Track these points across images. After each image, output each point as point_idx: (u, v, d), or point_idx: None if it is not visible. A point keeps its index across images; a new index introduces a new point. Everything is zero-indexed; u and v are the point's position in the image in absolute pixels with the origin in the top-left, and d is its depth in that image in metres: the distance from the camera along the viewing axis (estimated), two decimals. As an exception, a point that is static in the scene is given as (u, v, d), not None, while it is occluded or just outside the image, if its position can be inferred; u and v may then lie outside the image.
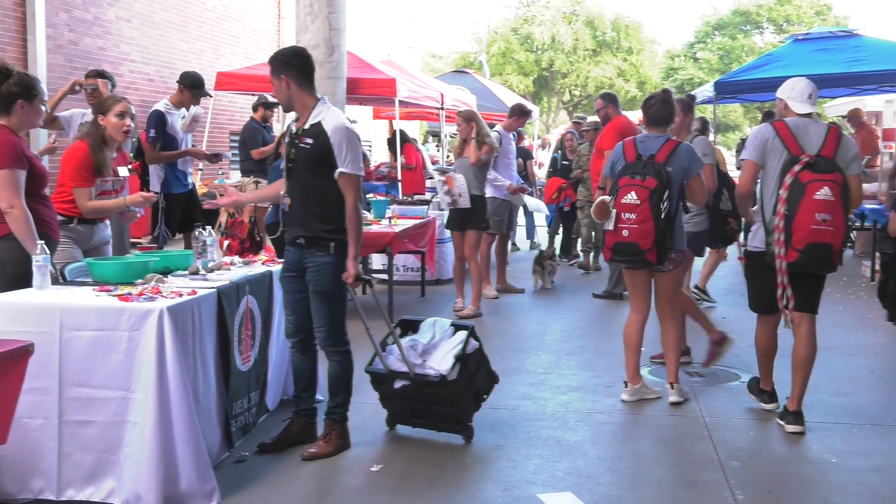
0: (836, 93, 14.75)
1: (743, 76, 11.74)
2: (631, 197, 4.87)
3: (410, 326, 4.85)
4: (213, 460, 3.96)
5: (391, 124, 15.60)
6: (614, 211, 4.92)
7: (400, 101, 11.05)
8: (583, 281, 9.97)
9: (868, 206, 9.54)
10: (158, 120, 7.00)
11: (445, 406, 4.49)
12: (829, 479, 4.06)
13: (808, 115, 4.72)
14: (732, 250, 9.69)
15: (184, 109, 7.26)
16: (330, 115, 4.19)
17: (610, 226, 4.96)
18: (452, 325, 4.74)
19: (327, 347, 4.33)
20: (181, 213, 7.32)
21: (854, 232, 11.83)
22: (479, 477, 4.14)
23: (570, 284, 9.67)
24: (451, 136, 20.39)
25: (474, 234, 7.74)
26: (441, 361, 4.46)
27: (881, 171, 10.11)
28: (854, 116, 12.87)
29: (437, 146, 22.56)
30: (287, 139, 4.32)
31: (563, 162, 11.25)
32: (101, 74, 6.90)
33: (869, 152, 12.34)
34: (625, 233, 4.89)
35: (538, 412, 5.12)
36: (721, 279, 9.57)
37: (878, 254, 8.99)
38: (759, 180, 4.85)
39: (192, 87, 7.22)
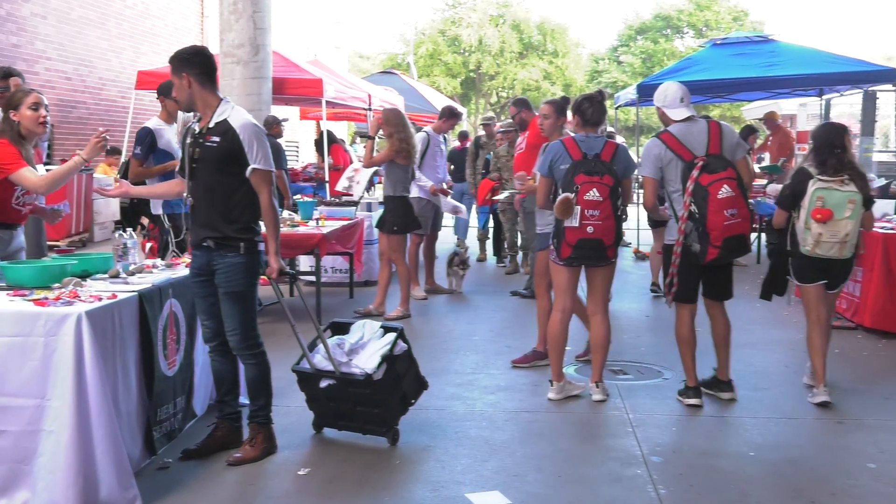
0: (753, 96, 15.24)
1: (664, 79, 11.96)
2: (594, 194, 4.97)
3: (341, 329, 4.82)
4: (135, 467, 3.88)
5: (318, 125, 15.48)
6: (578, 208, 4.98)
7: (327, 102, 10.98)
8: (510, 281, 10.04)
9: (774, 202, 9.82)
10: (146, 137, 6.47)
11: (371, 407, 4.47)
12: (747, 471, 4.17)
13: (688, 118, 5.11)
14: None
15: (176, 125, 6.72)
16: (235, 113, 4.15)
17: (574, 222, 5.00)
18: (382, 326, 4.73)
19: (241, 351, 4.27)
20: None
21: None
22: (407, 478, 4.14)
23: (498, 285, 9.73)
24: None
25: (393, 236, 7.65)
26: (367, 361, 4.45)
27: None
28: (770, 119, 13.29)
29: (365, 147, 22.44)
30: (189, 139, 4.23)
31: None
32: (8, 74, 6.40)
33: (785, 154, 12.77)
34: (589, 229, 4.99)
35: (466, 412, 5.15)
36: (645, 279, 9.77)
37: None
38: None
39: (169, 94, 6.55)
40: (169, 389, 4.35)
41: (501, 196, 7.88)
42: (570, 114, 5.69)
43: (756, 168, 11.43)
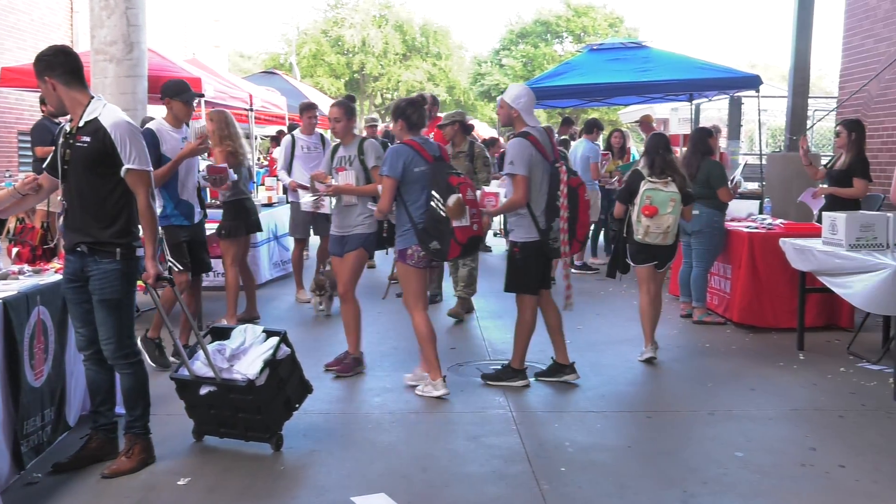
0: (628, 100, 15.74)
1: (544, 83, 12.23)
2: (470, 194, 5.24)
3: (222, 334, 4.71)
4: (2, 485, 3.68)
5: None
6: (466, 207, 5.15)
7: (206, 102, 10.70)
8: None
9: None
10: (150, 140, 5.66)
11: (253, 413, 4.38)
12: (625, 464, 4.31)
13: (533, 126, 5.51)
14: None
15: (185, 127, 6.14)
16: (107, 112, 4.00)
17: (465, 222, 5.15)
18: (264, 331, 4.65)
19: (116, 360, 4.12)
20: (189, 250, 6.14)
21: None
22: (291, 484, 4.08)
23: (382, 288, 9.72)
24: (261, 139, 19.99)
25: (224, 241, 7.25)
26: (249, 366, 4.36)
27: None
28: (645, 122, 13.76)
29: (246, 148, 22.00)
30: (61, 139, 4.07)
31: None
32: None
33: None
34: (475, 227, 5.24)
35: (352, 415, 5.13)
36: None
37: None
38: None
39: (176, 93, 6.01)
40: (36, 401, 4.14)
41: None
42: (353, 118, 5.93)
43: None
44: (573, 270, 10.60)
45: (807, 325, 6.88)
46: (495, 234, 13.46)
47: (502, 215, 6.82)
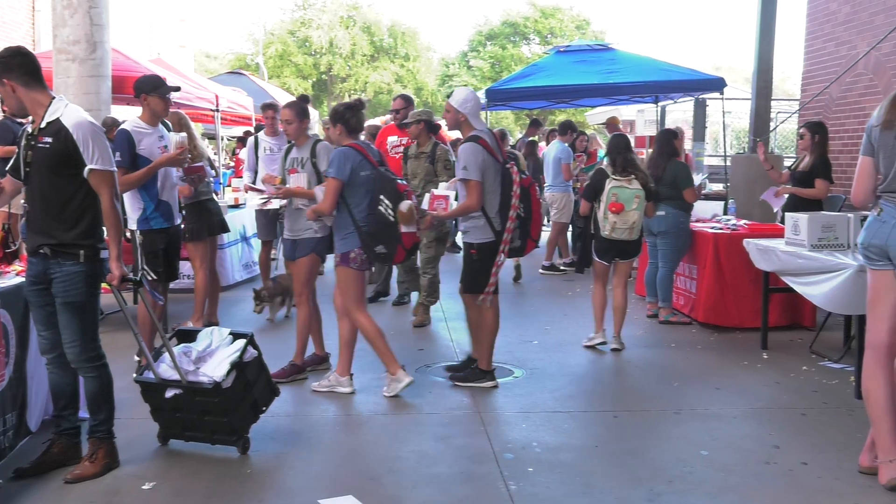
0: (595, 102, 15.83)
1: (512, 84, 12.28)
2: (415, 199, 5.31)
3: (188, 337, 4.67)
4: (-39, 492, 3.62)
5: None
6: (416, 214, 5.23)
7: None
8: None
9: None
10: (125, 141, 5.61)
11: (220, 416, 4.34)
12: (592, 463, 4.34)
13: (480, 130, 5.59)
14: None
15: (162, 127, 5.91)
16: (69, 112, 3.95)
17: (413, 227, 5.24)
18: (231, 333, 4.61)
19: (80, 363, 4.06)
20: (164, 257, 5.88)
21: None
22: (258, 487, 4.05)
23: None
24: (228, 139, 19.85)
25: (188, 244, 7.05)
26: (216, 368, 4.33)
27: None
28: (611, 124, 13.86)
29: (213, 149, 21.86)
30: (23, 141, 4.01)
31: None
32: None
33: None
34: (418, 232, 5.36)
35: (320, 417, 5.11)
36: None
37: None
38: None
39: (153, 88, 5.80)
40: (-2, 406, 4.08)
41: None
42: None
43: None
44: (540, 271, 10.74)
45: (771, 325, 6.98)
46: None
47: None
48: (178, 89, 6.26)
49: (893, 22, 9.18)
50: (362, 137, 5.75)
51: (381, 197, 5.17)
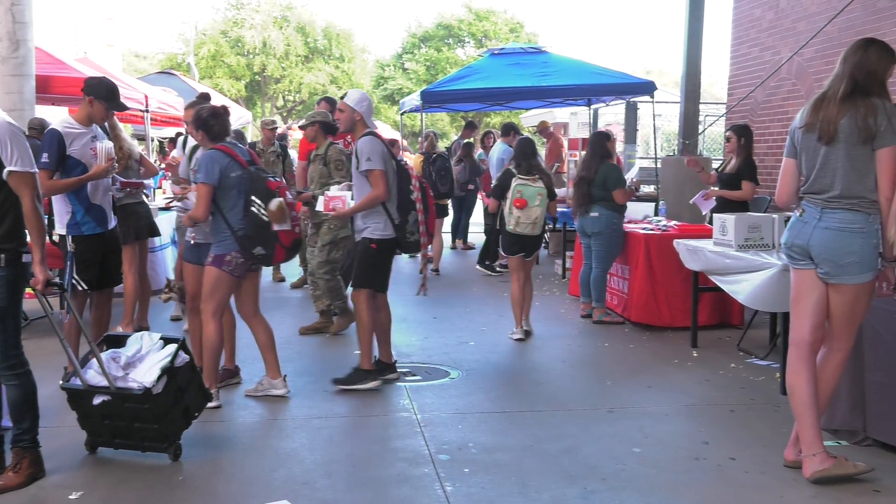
0: (529, 105, 15.99)
1: (446, 87, 12.32)
2: (289, 196, 5.23)
3: (117, 343, 4.56)
4: None
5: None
6: (288, 211, 5.12)
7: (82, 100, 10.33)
8: (296, 291, 9.94)
9: (559, 209, 10.41)
10: (54, 142, 5.32)
11: (150, 422, 4.25)
12: (527, 463, 4.37)
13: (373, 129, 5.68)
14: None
15: (96, 127, 5.63)
16: None
17: (287, 226, 5.12)
18: (162, 338, 4.52)
19: (2, 371, 3.94)
20: (98, 264, 5.56)
21: (548, 233, 12.89)
22: (189, 495, 3.98)
23: (284, 294, 9.61)
24: (158, 140, 19.48)
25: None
26: (146, 374, 4.24)
27: (569, 176, 11.09)
28: (542, 128, 14.02)
29: (142, 150, 21.40)
30: None
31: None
32: None
33: (555, 159, 13.53)
34: (297, 229, 5.25)
35: (254, 422, 5.04)
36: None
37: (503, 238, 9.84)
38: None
39: (106, 97, 5.52)
40: (-84, 417, 3.93)
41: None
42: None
43: None
44: (478, 267, 10.79)
45: (701, 324, 7.13)
46: None
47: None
48: (125, 108, 6.07)
49: (814, 28, 9.48)
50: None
51: (253, 197, 5.04)
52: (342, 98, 5.74)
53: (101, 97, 5.46)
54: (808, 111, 4.08)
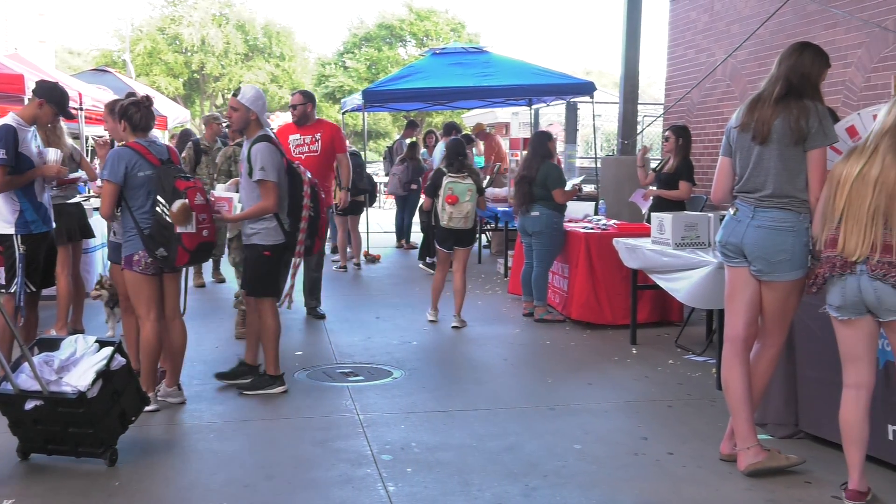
0: (471, 104, 16.05)
1: (388, 86, 12.30)
2: (199, 198, 5.01)
3: (50, 346, 4.44)
4: None
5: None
6: (192, 213, 4.93)
7: (30, 100, 10.07)
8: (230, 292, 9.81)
9: (500, 208, 10.49)
10: (10, 136, 5.24)
11: (85, 427, 4.15)
12: (469, 461, 4.39)
13: (268, 129, 5.59)
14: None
15: (35, 129, 5.55)
16: None
17: (192, 228, 4.93)
18: (97, 341, 4.42)
19: None
20: (44, 263, 5.47)
21: (489, 232, 12.96)
22: (127, 500, 3.90)
23: (224, 296, 9.49)
24: (94, 139, 19.05)
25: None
26: (80, 378, 4.14)
27: (511, 176, 11.17)
28: (479, 131, 14.09)
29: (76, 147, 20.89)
30: None
31: None
32: None
33: (497, 159, 13.61)
34: (205, 233, 5.04)
35: (193, 425, 4.97)
36: (369, 282, 9.92)
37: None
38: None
39: (59, 103, 5.49)
40: None
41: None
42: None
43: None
44: (421, 266, 10.80)
45: (642, 321, 7.25)
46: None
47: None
48: (73, 117, 5.99)
49: (748, 31, 9.70)
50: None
51: (158, 197, 4.92)
52: (234, 95, 5.54)
53: (54, 102, 5.47)
54: (743, 111, 4.17)
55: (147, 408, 5.03)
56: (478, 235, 7.93)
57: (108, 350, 4.32)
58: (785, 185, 4.00)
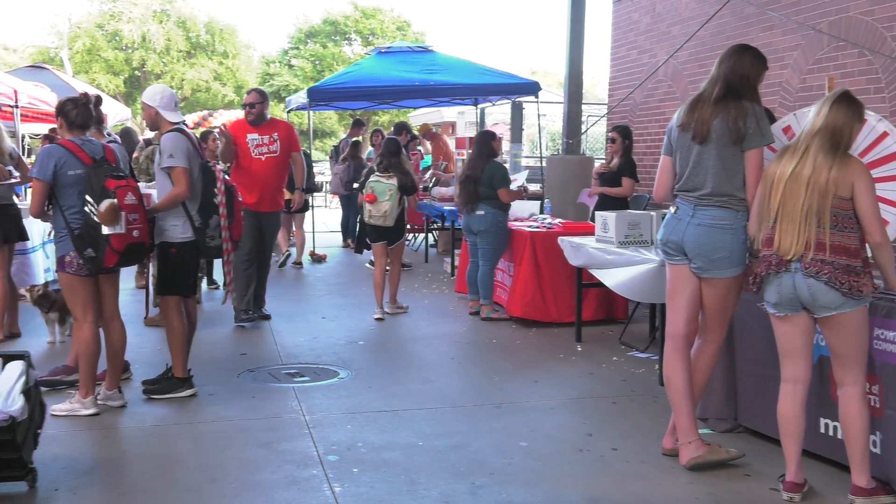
0: (417, 103, 16.04)
1: (334, 84, 12.23)
2: (131, 198, 4.90)
3: None
4: None
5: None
6: (122, 213, 4.82)
7: (-37, 97, 9.81)
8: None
9: (446, 207, 10.51)
10: None
11: (11, 452, 3.80)
12: (416, 460, 4.40)
13: (179, 123, 5.51)
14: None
15: None
16: None
17: (121, 229, 4.82)
18: (2, 355, 4.11)
19: None
20: None
21: (436, 231, 12.97)
22: (67, 507, 3.83)
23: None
24: (31, 137, 18.60)
25: None
26: (8, 401, 3.81)
27: (456, 175, 11.19)
28: (425, 131, 14.10)
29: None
30: None
31: None
32: None
33: (443, 158, 13.64)
34: (135, 233, 4.92)
35: (134, 428, 4.89)
36: (322, 280, 9.85)
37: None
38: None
39: None
40: None
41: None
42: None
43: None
44: (367, 265, 10.76)
45: (587, 319, 7.33)
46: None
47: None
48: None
49: (688, 33, 9.87)
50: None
51: (87, 197, 4.82)
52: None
53: None
54: (684, 111, 4.25)
55: (87, 412, 4.95)
56: (406, 234, 8.33)
57: (19, 364, 3.99)
58: (724, 183, 4.09)
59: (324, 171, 19.57)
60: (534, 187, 12.61)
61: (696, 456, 4.22)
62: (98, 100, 5.28)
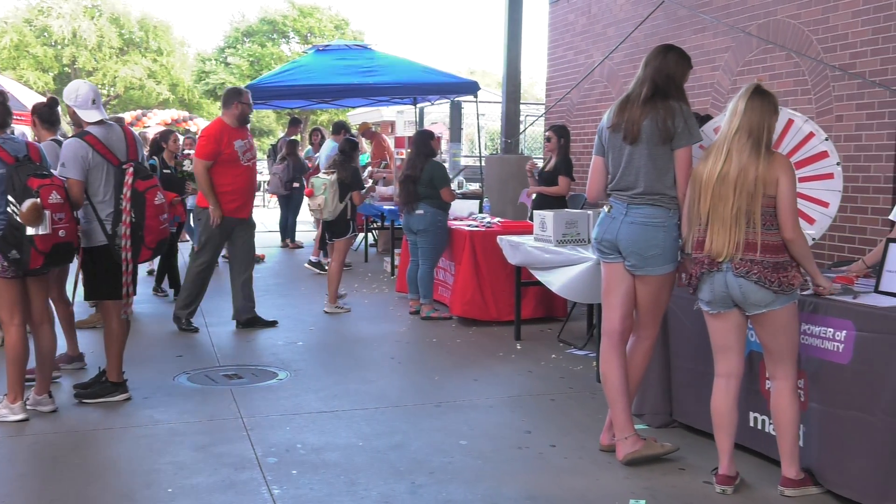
0: (355, 102, 15.96)
1: (271, 83, 12.09)
2: (56, 197, 4.78)
3: None
4: None
5: None
6: (47, 213, 4.70)
7: None
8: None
9: (386, 207, 10.50)
10: None
11: None
12: (356, 461, 4.38)
13: (101, 122, 5.28)
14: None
15: None
16: None
17: (45, 229, 4.70)
18: None
19: None
20: None
21: (376, 231, 12.94)
22: (-5, 516, 3.72)
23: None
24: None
25: None
26: None
27: (395, 175, 11.19)
28: (365, 130, 14.06)
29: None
30: None
31: (165, 170, 8.92)
32: None
33: (383, 157, 13.62)
34: (62, 233, 4.81)
35: (64, 433, 4.76)
36: (259, 280, 9.75)
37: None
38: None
39: None
40: None
41: None
42: None
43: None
44: (306, 265, 10.69)
45: (526, 317, 7.38)
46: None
47: None
48: None
49: (623, 34, 10.02)
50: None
51: (9, 196, 4.71)
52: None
53: None
54: (614, 112, 4.32)
55: (15, 417, 4.83)
56: (354, 231, 8.28)
57: None
58: (655, 182, 4.16)
59: (262, 171, 19.30)
60: (473, 186, 12.67)
61: (632, 451, 4.28)
62: (53, 101, 5.15)
